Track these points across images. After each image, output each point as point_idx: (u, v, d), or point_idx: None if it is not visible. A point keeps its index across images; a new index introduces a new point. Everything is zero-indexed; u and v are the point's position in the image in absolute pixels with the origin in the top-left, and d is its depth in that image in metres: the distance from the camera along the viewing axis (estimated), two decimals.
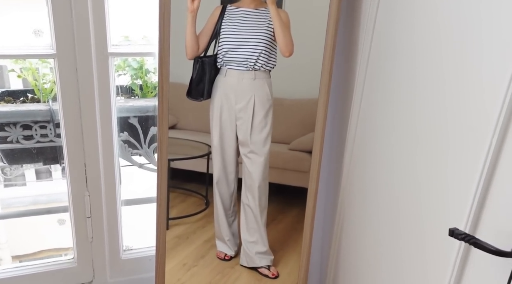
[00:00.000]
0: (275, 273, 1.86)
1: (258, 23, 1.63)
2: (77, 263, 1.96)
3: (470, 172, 1.06)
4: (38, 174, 5.66)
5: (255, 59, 1.63)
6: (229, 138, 1.74)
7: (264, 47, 1.62)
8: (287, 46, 1.60)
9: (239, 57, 1.63)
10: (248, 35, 1.62)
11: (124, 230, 2.02)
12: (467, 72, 1.08)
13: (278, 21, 1.58)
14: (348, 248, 1.78)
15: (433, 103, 1.21)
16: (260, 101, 1.67)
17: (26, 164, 2.19)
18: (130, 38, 2.02)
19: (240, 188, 1.82)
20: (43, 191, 4.66)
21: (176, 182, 1.86)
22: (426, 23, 1.24)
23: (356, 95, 1.66)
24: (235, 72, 1.65)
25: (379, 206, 1.52)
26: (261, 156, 1.73)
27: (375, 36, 1.53)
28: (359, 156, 1.67)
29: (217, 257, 1.89)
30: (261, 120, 1.69)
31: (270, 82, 1.68)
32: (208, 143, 1.80)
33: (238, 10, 1.65)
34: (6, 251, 4.15)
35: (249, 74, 1.65)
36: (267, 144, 1.72)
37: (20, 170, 5.10)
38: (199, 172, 1.89)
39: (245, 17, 1.64)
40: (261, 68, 1.65)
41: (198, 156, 1.87)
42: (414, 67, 1.30)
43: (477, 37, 1.04)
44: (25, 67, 2.01)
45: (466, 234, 0.97)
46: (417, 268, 1.30)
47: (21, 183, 5.52)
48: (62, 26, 1.59)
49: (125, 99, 2.10)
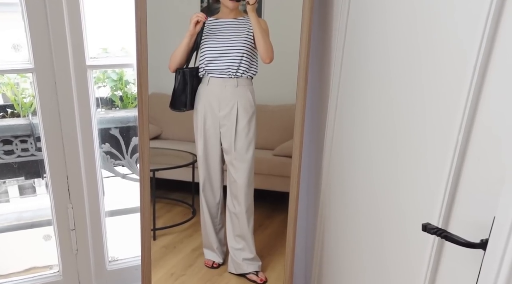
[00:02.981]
0: (263, 279, 1.87)
1: (237, 32, 1.66)
2: (63, 276, 1.96)
3: (440, 169, 1.09)
4: (22, 190, 5.57)
5: (236, 66, 1.65)
6: (214, 146, 1.76)
7: (245, 55, 1.65)
8: (268, 53, 1.64)
9: (221, 66, 1.66)
10: (229, 44, 1.65)
11: (109, 241, 2.02)
12: (432, 73, 1.12)
13: (258, 29, 1.61)
14: (330, 247, 1.81)
15: (405, 104, 1.25)
16: (243, 108, 1.70)
17: (7, 179, 2.18)
18: (109, 50, 2.03)
19: (225, 196, 1.84)
20: (27, 207, 4.59)
21: (162, 192, 1.87)
22: (397, 22, 1.28)
23: (331, 98, 1.69)
24: (218, 80, 1.68)
25: (358, 205, 1.55)
26: (245, 163, 1.75)
27: (348, 38, 1.56)
28: (337, 157, 1.70)
29: (205, 265, 1.90)
30: (245, 127, 1.71)
31: (253, 89, 1.71)
32: (192, 152, 1.81)
33: (217, 21, 1.68)
34: None
35: (232, 81, 1.67)
36: (251, 150, 1.74)
37: (2, 187, 5.02)
38: (184, 181, 1.90)
39: (225, 28, 1.67)
40: (243, 75, 1.67)
41: (183, 165, 1.88)
42: (386, 67, 1.34)
43: (447, 31, 1.08)
44: (4, 82, 2.01)
45: (438, 228, 1.01)
46: (397, 263, 1.33)
47: (4, 200, 5.43)
48: (39, 41, 1.60)
49: (105, 110, 2.11)
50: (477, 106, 0.98)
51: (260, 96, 1.74)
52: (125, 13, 1.66)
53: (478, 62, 0.95)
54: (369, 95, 1.45)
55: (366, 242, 1.51)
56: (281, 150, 1.82)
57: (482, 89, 0.97)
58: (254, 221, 1.84)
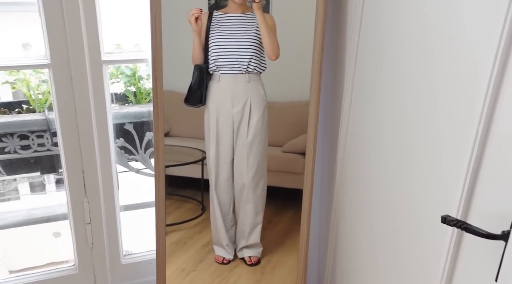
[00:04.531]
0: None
1: (246, 27, 1.66)
2: (78, 269, 1.98)
3: (459, 160, 1.08)
4: (32, 187, 5.62)
5: (247, 62, 1.66)
6: (226, 143, 1.76)
7: (255, 50, 1.66)
8: (273, 50, 1.64)
9: (231, 61, 1.66)
10: (238, 40, 1.66)
11: (124, 235, 2.04)
12: (452, 65, 1.11)
13: (264, 26, 1.62)
14: (344, 241, 1.80)
15: (421, 95, 1.24)
16: (256, 103, 1.71)
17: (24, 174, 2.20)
18: (122, 46, 2.05)
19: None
20: (38, 204, 4.64)
21: (171, 189, 1.88)
22: (412, 19, 1.27)
23: (346, 93, 1.69)
24: (229, 76, 1.68)
25: (373, 199, 1.54)
26: (258, 157, 1.75)
27: (362, 35, 1.56)
28: (352, 151, 1.69)
29: (216, 261, 1.90)
30: (258, 121, 1.72)
31: (263, 84, 1.72)
32: (201, 149, 1.82)
33: (226, 15, 1.68)
34: (3, 267, 4.13)
35: (243, 77, 1.68)
36: (263, 143, 1.75)
37: (13, 184, 5.07)
38: (194, 178, 1.91)
39: (233, 22, 1.67)
40: (254, 71, 1.68)
41: (192, 162, 1.89)
42: (400, 61, 1.33)
43: (463, 31, 1.08)
44: (19, 79, 2.03)
45: (458, 220, 1.01)
46: (413, 256, 1.33)
47: (15, 197, 5.49)
48: (55, 36, 1.61)
49: (119, 106, 2.13)
50: (498, 94, 0.97)
51: (268, 93, 1.74)
52: (138, 10, 1.67)
53: (500, 48, 0.94)
54: (383, 87, 1.45)
55: (381, 236, 1.51)
56: (290, 147, 1.82)
57: (504, 76, 0.95)
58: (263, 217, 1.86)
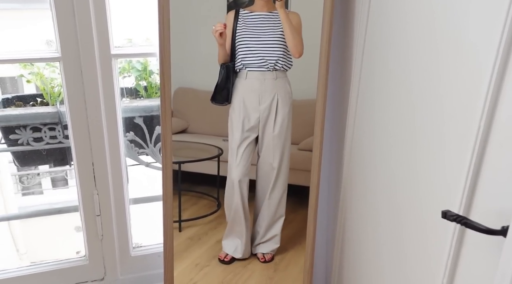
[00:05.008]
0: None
1: (273, 26, 1.68)
2: (89, 260, 2.01)
3: (461, 156, 1.08)
4: (54, 182, 5.76)
5: (275, 60, 1.68)
6: (252, 139, 1.77)
7: (282, 49, 1.68)
8: (297, 48, 1.66)
9: (259, 59, 1.68)
10: (266, 38, 1.67)
11: (133, 228, 2.06)
12: (455, 62, 1.10)
13: (287, 25, 1.64)
14: (351, 238, 1.80)
15: (426, 92, 1.23)
16: (282, 99, 1.73)
17: (36, 165, 2.26)
18: (133, 41, 2.07)
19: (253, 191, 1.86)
20: (59, 199, 4.75)
21: (188, 185, 1.91)
22: (418, 18, 1.27)
23: (352, 90, 1.69)
24: (257, 73, 1.70)
25: (378, 196, 1.54)
26: (284, 149, 1.79)
27: (369, 32, 1.56)
28: (358, 148, 1.69)
29: (219, 259, 1.91)
30: (284, 117, 1.75)
31: (289, 81, 1.74)
32: (218, 146, 1.84)
33: (253, 14, 1.69)
34: (26, 261, 4.25)
35: (271, 74, 1.70)
36: (289, 139, 1.78)
37: (36, 179, 5.20)
38: (210, 174, 1.92)
39: (260, 21, 1.68)
40: (281, 68, 1.70)
41: (208, 158, 1.91)
42: (405, 59, 1.33)
43: (466, 29, 1.07)
44: (33, 72, 2.07)
45: (458, 215, 0.99)
46: (417, 252, 1.32)
47: (38, 192, 5.63)
48: (65, 30, 1.64)
49: (130, 100, 2.15)
50: (500, 91, 0.96)
51: None
52: (149, 3, 1.69)
53: (502, 46, 0.93)
54: (389, 85, 1.44)
55: (386, 232, 1.50)
56: (306, 145, 1.82)
57: (505, 73, 0.94)
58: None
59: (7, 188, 4.05)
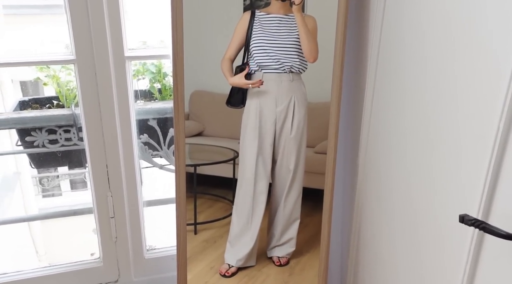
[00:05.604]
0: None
1: (289, 28, 1.67)
2: (103, 262, 2.02)
3: (480, 159, 1.04)
4: (74, 184, 5.84)
5: (291, 62, 1.67)
6: (268, 141, 1.76)
7: (298, 52, 1.67)
8: (311, 53, 1.65)
9: (275, 61, 1.67)
10: (282, 40, 1.66)
11: (147, 230, 2.07)
12: (473, 63, 1.08)
13: (303, 29, 1.62)
14: (366, 242, 1.77)
15: (442, 93, 1.20)
16: (299, 101, 1.72)
17: (52, 167, 2.28)
18: (148, 43, 2.08)
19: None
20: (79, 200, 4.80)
21: (203, 188, 1.90)
22: (433, 19, 1.24)
23: (367, 92, 1.67)
24: (273, 75, 1.69)
25: (394, 199, 1.51)
26: (300, 151, 1.77)
27: (384, 34, 1.54)
28: (373, 151, 1.67)
29: (219, 272, 1.87)
30: (301, 120, 1.73)
31: (303, 82, 1.73)
32: (233, 149, 1.83)
33: (269, 16, 1.68)
34: (45, 262, 4.31)
35: (287, 76, 1.69)
36: (305, 142, 1.77)
37: (56, 181, 5.28)
38: (226, 177, 1.91)
39: (276, 23, 1.67)
40: (297, 71, 1.69)
41: (223, 161, 1.90)
42: (421, 59, 1.30)
43: (484, 27, 1.04)
44: (49, 75, 2.09)
45: (476, 220, 0.96)
46: (434, 257, 1.29)
47: (58, 194, 5.71)
48: (80, 33, 1.65)
49: (144, 102, 2.16)
50: None
51: None
52: (163, 5, 1.69)
53: None
54: (404, 86, 1.42)
55: (402, 236, 1.47)
56: (322, 148, 1.79)
57: None
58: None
59: (28, 190, 4.12)
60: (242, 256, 1.86)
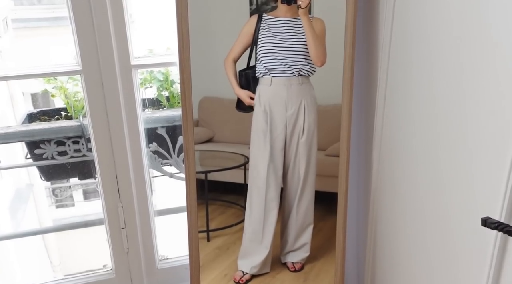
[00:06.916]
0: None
1: (297, 32, 1.65)
2: (115, 274, 2.00)
3: (501, 159, 1.01)
4: (87, 194, 5.89)
5: (300, 66, 1.65)
6: (278, 145, 1.74)
7: (306, 56, 1.65)
8: (319, 57, 1.64)
9: (283, 65, 1.66)
10: (290, 44, 1.65)
11: (159, 240, 2.05)
12: (493, 63, 1.05)
13: (310, 33, 1.61)
14: (383, 248, 1.74)
15: (460, 92, 1.17)
16: (309, 105, 1.70)
17: (61, 179, 2.29)
18: (155, 51, 2.07)
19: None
20: (93, 210, 4.82)
21: (215, 194, 1.90)
22: (446, 18, 1.22)
23: (379, 94, 1.65)
24: (282, 79, 1.67)
25: (411, 202, 1.48)
26: (311, 155, 1.75)
27: (394, 34, 1.52)
28: (387, 153, 1.64)
29: (234, 280, 1.84)
30: (311, 123, 1.72)
31: (312, 85, 1.71)
32: (244, 154, 1.81)
33: (276, 19, 1.67)
34: (59, 273, 4.33)
35: (296, 80, 1.67)
36: (316, 144, 1.75)
37: (68, 191, 5.31)
38: (237, 183, 1.90)
39: (284, 27, 1.66)
40: (306, 74, 1.68)
41: (234, 167, 1.88)
42: (438, 60, 1.28)
43: (497, 30, 1.02)
44: (57, 86, 2.09)
45: (500, 223, 0.92)
46: (455, 262, 1.26)
47: (71, 204, 5.76)
48: (85, 43, 1.64)
49: (152, 110, 2.15)
50: None
51: None
52: (169, 13, 1.67)
53: None
54: (419, 85, 1.38)
55: (419, 241, 1.45)
56: (334, 150, 1.77)
57: None
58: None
59: (41, 201, 4.15)
60: (256, 264, 1.83)
